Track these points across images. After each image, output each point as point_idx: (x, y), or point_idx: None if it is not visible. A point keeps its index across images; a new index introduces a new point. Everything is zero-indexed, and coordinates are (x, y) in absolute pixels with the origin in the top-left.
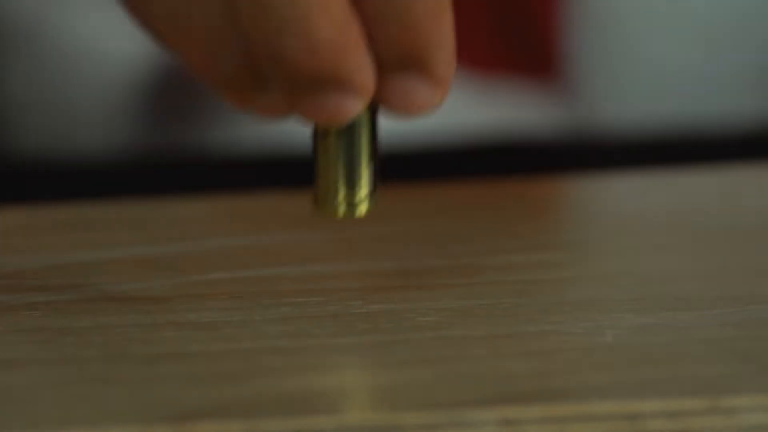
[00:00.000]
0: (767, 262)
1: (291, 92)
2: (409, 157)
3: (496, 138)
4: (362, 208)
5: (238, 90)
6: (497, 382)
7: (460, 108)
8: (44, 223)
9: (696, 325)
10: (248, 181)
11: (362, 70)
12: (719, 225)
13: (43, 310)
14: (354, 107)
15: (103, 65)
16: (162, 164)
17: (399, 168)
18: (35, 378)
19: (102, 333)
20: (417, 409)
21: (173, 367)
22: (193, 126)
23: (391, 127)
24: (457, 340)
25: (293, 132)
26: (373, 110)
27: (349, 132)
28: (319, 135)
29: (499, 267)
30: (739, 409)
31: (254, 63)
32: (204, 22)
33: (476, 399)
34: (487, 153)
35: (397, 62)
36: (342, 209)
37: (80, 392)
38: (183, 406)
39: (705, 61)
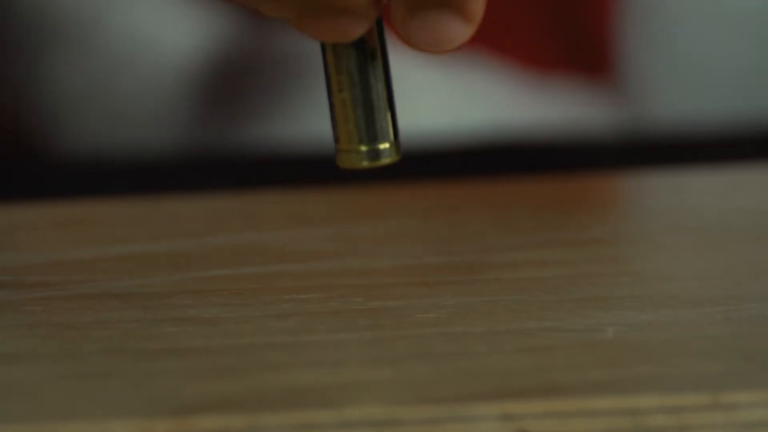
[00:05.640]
0: (767, 260)
1: (301, 11)
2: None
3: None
4: (385, 157)
5: (255, 4)
6: (498, 377)
7: (514, 105)
8: (45, 219)
9: (697, 322)
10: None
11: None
12: (720, 224)
13: (44, 305)
14: (360, 29)
15: (155, 61)
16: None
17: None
18: (37, 372)
19: (103, 328)
20: (418, 403)
21: (174, 361)
22: (236, 123)
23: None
24: (457, 336)
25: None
26: (384, 59)
27: (365, 84)
28: (335, 90)
29: (500, 264)
30: (739, 406)
31: None
32: None
33: (477, 394)
34: (531, 151)
35: (433, 2)
36: (365, 160)
37: (81, 386)
38: (184, 401)
39: (757, 57)
